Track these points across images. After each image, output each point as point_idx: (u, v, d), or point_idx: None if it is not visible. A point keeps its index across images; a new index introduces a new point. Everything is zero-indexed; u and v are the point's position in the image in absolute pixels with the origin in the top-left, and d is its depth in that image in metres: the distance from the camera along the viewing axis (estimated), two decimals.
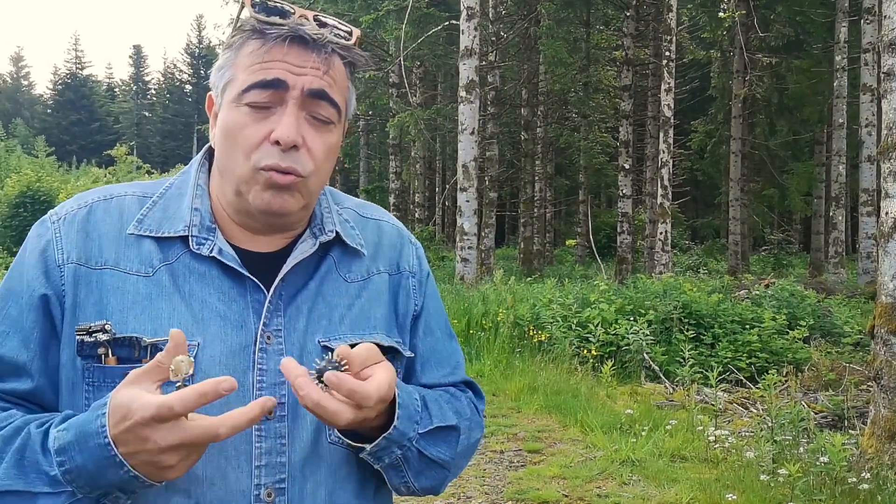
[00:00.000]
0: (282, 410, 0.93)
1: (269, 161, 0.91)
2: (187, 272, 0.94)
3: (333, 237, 1.00)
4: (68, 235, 0.94)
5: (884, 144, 4.38)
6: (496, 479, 4.41)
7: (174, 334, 0.80)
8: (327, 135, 0.95)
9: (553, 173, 22.63)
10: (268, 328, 0.94)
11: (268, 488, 0.91)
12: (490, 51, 17.07)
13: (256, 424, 0.90)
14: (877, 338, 4.30)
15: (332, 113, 0.95)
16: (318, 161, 0.94)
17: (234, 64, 0.94)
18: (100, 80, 74.23)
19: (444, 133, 21.08)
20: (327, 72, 0.93)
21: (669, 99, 13.38)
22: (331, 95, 0.93)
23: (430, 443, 0.98)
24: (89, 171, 35.78)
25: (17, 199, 20.73)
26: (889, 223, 4.25)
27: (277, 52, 0.91)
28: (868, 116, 13.93)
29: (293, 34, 0.91)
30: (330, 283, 1.00)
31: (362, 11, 16.50)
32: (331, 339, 0.97)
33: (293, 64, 0.91)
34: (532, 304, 8.43)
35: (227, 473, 0.90)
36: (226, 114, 0.94)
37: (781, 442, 4.38)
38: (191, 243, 0.94)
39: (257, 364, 0.92)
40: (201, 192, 0.99)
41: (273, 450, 0.92)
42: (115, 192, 1.00)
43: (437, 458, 1.00)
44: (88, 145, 59.24)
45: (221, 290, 0.94)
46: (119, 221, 0.96)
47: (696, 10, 19.55)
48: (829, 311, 8.79)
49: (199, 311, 0.92)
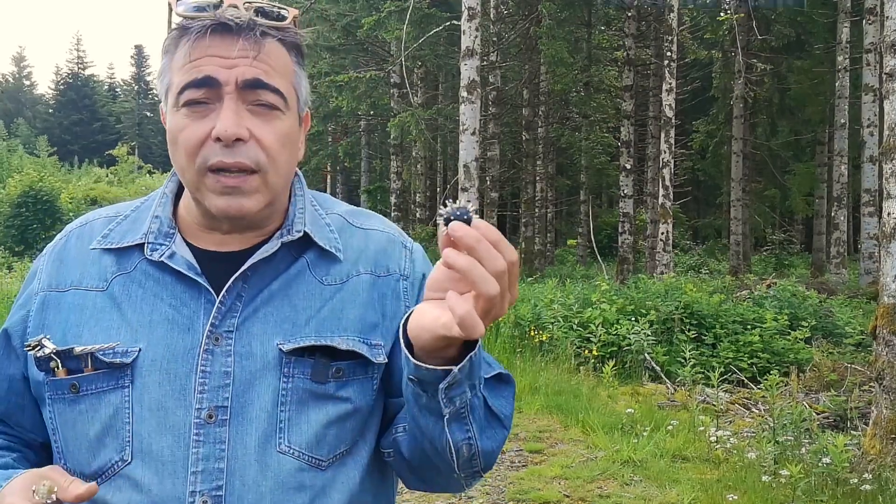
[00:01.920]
0: (224, 414, 0.89)
1: (215, 159, 0.87)
2: (143, 278, 0.94)
3: (300, 237, 0.95)
4: (47, 266, 1.00)
5: (886, 145, 4.38)
6: (497, 480, 4.41)
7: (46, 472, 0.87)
8: (276, 122, 0.90)
9: (554, 173, 22.61)
10: (217, 329, 0.91)
11: (203, 496, 0.87)
12: (491, 51, 17.05)
13: (194, 429, 0.88)
14: (879, 338, 4.29)
15: (276, 99, 0.89)
16: (272, 151, 0.89)
17: (170, 68, 0.91)
18: (101, 79, 74.36)
19: (445, 133, 21.07)
20: (257, 57, 0.88)
21: (671, 99, 13.37)
22: (267, 82, 0.88)
23: (493, 393, 0.92)
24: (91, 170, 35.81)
25: (19, 199, 20.76)
26: (891, 224, 4.24)
27: (201, 45, 0.87)
28: (870, 117, 13.90)
29: (214, 23, 0.87)
30: (300, 286, 0.95)
31: (364, 12, 16.50)
32: (289, 342, 0.91)
33: (220, 56, 0.87)
34: (533, 304, 8.42)
35: (163, 479, 0.88)
36: (169, 119, 0.91)
37: (783, 443, 4.37)
38: (145, 250, 0.95)
39: (200, 366, 0.89)
40: (165, 200, 0.99)
41: (211, 455, 0.88)
42: (91, 216, 1.04)
43: (499, 413, 0.92)
44: (90, 145, 59.32)
45: (174, 295, 0.93)
46: (88, 243, 0.99)
47: (697, 11, 19.53)
48: (830, 312, 8.78)
49: (148, 315, 0.92)
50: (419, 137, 16.16)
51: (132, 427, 0.89)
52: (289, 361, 0.91)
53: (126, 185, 32.03)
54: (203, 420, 0.88)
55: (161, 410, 0.89)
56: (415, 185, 22.24)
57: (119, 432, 0.89)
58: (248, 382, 0.90)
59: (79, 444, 0.91)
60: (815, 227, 19.74)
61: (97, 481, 0.89)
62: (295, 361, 0.91)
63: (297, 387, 0.91)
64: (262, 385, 0.90)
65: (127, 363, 0.90)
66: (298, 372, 0.91)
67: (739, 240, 18.21)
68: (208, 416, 0.89)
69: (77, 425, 0.91)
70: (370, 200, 22.80)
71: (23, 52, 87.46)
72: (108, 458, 0.90)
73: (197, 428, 0.88)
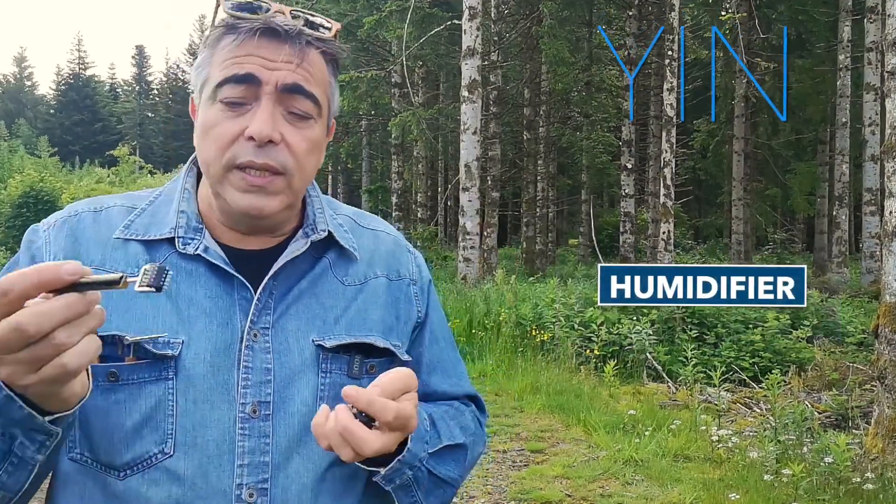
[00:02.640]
0: (266, 409, 0.91)
1: (245, 158, 0.89)
2: (175, 271, 0.93)
3: (326, 237, 0.99)
4: (57, 240, 0.95)
5: (888, 143, 4.37)
6: (499, 479, 4.41)
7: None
8: (307, 130, 0.93)
9: (555, 173, 22.59)
10: (255, 326, 0.93)
11: (249, 488, 0.89)
12: (492, 50, 17.05)
13: (239, 423, 0.90)
14: (881, 337, 4.29)
15: (310, 107, 0.92)
16: (300, 157, 0.92)
17: (210, 62, 0.93)
18: (103, 80, 74.38)
19: (446, 133, 21.07)
20: (300, 64, 0.91)
21: (672, 98, 13.36)
22: (307, 89, 0.91)
23: (439, 462, 0.98)
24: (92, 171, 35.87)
25: (20, 200, 20.79)
26: (893, 222, 4.24)
27: (249, 45, 0.89)
28: (871, 115, 13.89)
29: (264, 26, 0.90)
30: (325, 285, 0.98)
31: (365, 12, 16.51)
32: (325, 339, 0.95)
33: (265, 58, 0.89)
34: (534, 303, 8.42)
35: (208, 472, 0.89)
36: (202, 112, 0.93)
37: (785, 442, 4.37)
38: (177, 244, 0.94)
39: (243, 362, 0.91)
40: (188, 196, 0.98)
41: (256, 449, 0.90)
42: (104, 203, 1.01)
43: (447, 477, 0.99)
44: (91, 145, 59.36)
45: (208, 288, 0.93)
46: (107, 229, 0.96)
47: (698, 10, 19.51)
48: (832, 311, 8.77)
49: (185, 309, 0.92)
50: (420, 137, 16.16)
51: (175, 420, 0.89)
52: (326, 358, 0.95)
53: (127, 186, 32.05)
54: (247, 414, 0.90)
55: (206, 404, 0.89)
56: (416, 185, 22.23)
57: (160, 424, 0.89)
58: (288, 378, 0.93)
59: (110, 433, 0.89)
60: (817, 226, 19.74)
61: (127, 473, 0.88)
62: (332, 358, 0.96)
63: (335, 382, 0.95)
64: (301, 381, 0.94)
65: (173, 355, 0.90)
66: (336, 368, 0.96)
67: (741, 239, 18.19)
68: (252, 411, 0.91)
69: (111, 415, 0.89)
70: (371, 200, 22.81)
71: (24, 52, 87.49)
72: (144, 449, 0.89)
73: (241, 422, 0.90)
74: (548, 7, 15.67)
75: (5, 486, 0.78)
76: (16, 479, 0.78)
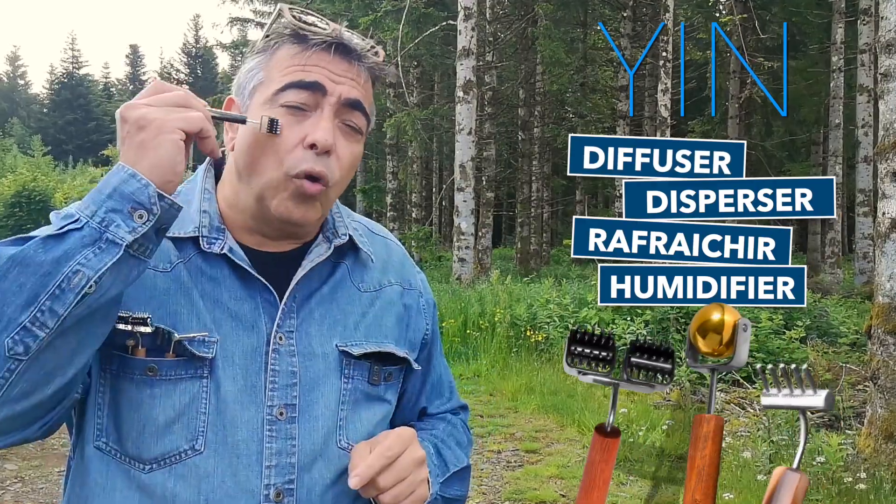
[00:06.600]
0: (293, 412, 0.93)
1: (304, 166, 0.91)
2: (199, 273, 0.94)
3: (346, 241, 1.01)
4: None
5: (881, 145, 4.39)
6: (493, 480, 4.41)
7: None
8: (355, 145, 0.97)
9: (550, 173, 22.62)
10: (280, 329, 0.94)
11: (277, 488, 0.92)
12: (487, 51, 17.06)
13: (266, 424, 0.92)
14: (873, 338, 4.31)
15: (363, 123, 0.97)
16: (344, 170, 0.96)
17: (267, 66, 0.95)
18: (96, 79, 74.04)
19: (441, 133, 21.05)
20: (361, 82, 0.96)
21: (666, 99, 13.40)
22: (364, 105, 0.96)
23: (448, 486, 1.05)
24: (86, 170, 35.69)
25: (12, 199, 20.67)
26: (886, 223, 4.26)
27: (319, 57, 0.93)
28: (864, 117, 13.95)
29: (337, 42, 0.93)
30: (344, 290, 1.01)
31: (360, 12, 16.48)
32: (349, 345, 0.98)
33: (333, 71, 0.94)
34: (529, 304, 8.43)
35: (238, 471, 0.90)
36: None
37: (778, 442, 4.38)
38: (201, 243, 0.94)
39: (270, 365, 0.93)
40: (209, 196, 0.99)
41: (283, 450, 0.93)
42: None
43: (455, 497, 1.06)
44: (85, 145, 59.12)
45: (232, 290, 0.94)
46: None
47: (692, 11, 19.56)
48: (825, 312, 8.80)
49: (213, 310, 0.93)
50: (415, 137, 16.16)
51: (208, 418, 0.90)
52: (348, 364, 0.99)
53: None
54: (275, 417, 0.93)
55: (237, 404, 0.91)
56: (411, 185, 22.23)
57: (192, 422, 0.90)
58: (313, 382, 0.96)
59: (140, 427, 0.90)
60: (810, 226, 19.79)
61: (153, 466, 0.89)
62: (354, 364, 0.99)
63: (356, 388, 0.99)
64: (325, 385, 0.97)
65: (211, 356, 0.91)
66: (357, 374, 0.99)
67: None
68: (279, 413, 0.93)
69: (143, 408, 0.90)
70: (366, 200, 22.76)
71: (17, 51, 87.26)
72: (174, 445, 0.90)
73: (269, 424, 0.92)
74: (543, 8, 15.69)
75: (89, 264, 0.76)
76: (99, 259, 0.76)
